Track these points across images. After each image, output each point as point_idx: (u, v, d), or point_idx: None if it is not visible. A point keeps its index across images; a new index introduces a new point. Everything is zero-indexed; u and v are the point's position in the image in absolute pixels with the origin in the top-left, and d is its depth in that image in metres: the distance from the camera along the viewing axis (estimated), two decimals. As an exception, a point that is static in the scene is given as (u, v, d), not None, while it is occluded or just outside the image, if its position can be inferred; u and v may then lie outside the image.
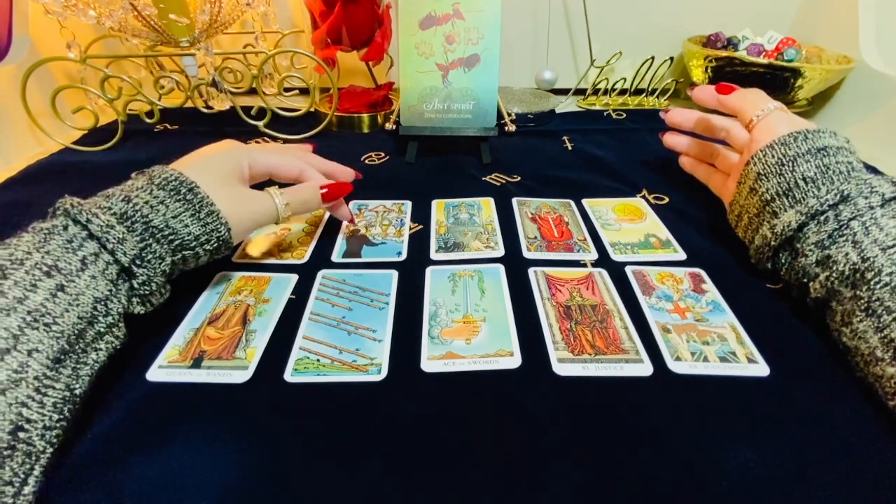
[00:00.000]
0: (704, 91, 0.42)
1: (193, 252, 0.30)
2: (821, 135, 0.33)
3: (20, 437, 0.20)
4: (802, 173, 0.32)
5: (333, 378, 0.28)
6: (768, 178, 0.33)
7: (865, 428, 0.25)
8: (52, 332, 0.22)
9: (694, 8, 0.71)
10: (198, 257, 0.31)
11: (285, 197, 0.34)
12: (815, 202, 0.31)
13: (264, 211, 0.34)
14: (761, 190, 0.34)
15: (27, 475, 0.20)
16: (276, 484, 0.22)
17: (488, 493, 0.22)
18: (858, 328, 0.27)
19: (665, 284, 0.35)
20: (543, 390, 0.27)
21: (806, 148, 0.32)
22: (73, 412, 0.23)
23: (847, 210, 0.30)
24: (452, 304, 0.33)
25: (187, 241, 0.29)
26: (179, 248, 0.29)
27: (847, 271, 0.28)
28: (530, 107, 0.66)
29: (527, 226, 0.42)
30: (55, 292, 0.23)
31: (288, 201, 0.34)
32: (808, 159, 0.32)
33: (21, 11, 0.54)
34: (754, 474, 0.23)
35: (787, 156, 0.33)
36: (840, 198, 0.30)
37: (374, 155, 0.56)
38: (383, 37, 0.59)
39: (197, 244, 0.30)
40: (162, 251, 0.28)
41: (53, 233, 0.25)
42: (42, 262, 0.23)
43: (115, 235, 0.26)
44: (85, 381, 0.24)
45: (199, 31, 0.53)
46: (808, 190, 0.32)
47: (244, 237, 0.35)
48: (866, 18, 0.62)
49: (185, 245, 0.29)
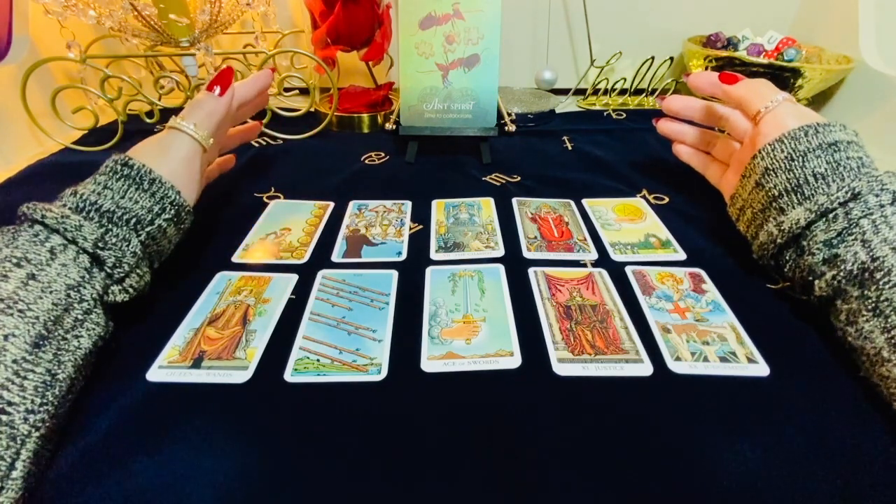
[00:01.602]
0: (701, 77, 0.40)
1: (157, 227, 0.30)
2: (831, 129, 0.32)
3: (2, 420, 0.20)
4: (813, 169, 0.31)
5: (333, 378, 0.28)
6: (776, 174, 0.33)
7: (865, 428, 0.25)
8: (26, 317, 0.23)
9: (694, 8, 0.71)
10: (164, 232, 0.31)
11: (188, 120, 0.34)
12: (826, 200, 0.30)
13: (186, 147, 0.33)
14: (768, 185, 0.33)
15: (14, 459, 0.20)
16: (276, 484, 0.22)
17: (488, 493, 0.22)
18: (864, 328, 0.26)
19: (665, 284, 0.35)
20: (543, 390, 0.27)
21: (817, 143, 0.32)
22: (60, 398, 0.23)
23: (857, 208, 0.29)
24: (452, 304, 0.33)
25: (143, 217, 0.30)
26: (138, 225, 0.30)
27: (856, 270, 0.27)
28: (530, 107, 0.67)
29: (527, 226, 0.42)
30: (26, 281, 0.24)
31: (194, 122, 0.34)
32: (819, 155, 0.31)
33: (21, 11, 0.54)
34: (754, 474, 0.23)
35: (798, 151, 0.32)
36: (851, 195, 0.29)
37: (374, 155, 0.56)
38: (383, 37, 0.59)
39: (154, 216, 0.30)
40: (123, 233, 0.29)
41: (20, 231, 0.26)
42: (12, 255, 0.25)
43: (71, 224, 0.27)
44: (68, 367, 0.24)
45: (199, 31, 0.53)
46: (819, 187, 0.31)
47: (197, 191, 0.35)
48: (866, 18, 0.62)
49: (142, 221, 0.30)
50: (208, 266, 0.36)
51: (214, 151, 0.40)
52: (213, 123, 0.35)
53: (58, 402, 0.23)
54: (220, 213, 0.43)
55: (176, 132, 0.33)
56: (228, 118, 0.38)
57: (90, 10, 0.49)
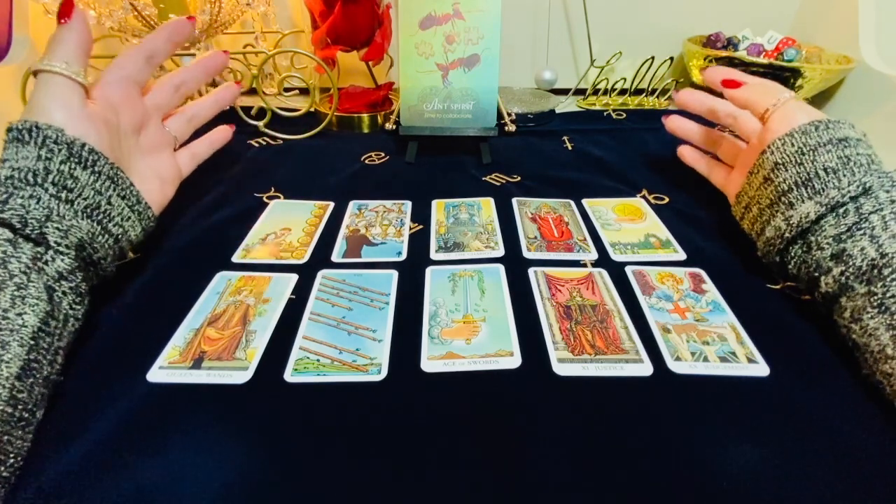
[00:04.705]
0: (717, 72, 0.40)
1: (57, 173, 0.28)
2: (841, 125, 0.32)
3: None
4: (824, 163, 0.31)
5: (333, 378, 0.28)
6: (786, 168, 0.32)
7: (866, 428, 0.25)
8: None
9: (694, 8, 0.71)
10: (73, 178, 0.29)
11: (47, 59, 0.30)
12: (837, 193, 0.30)
13: (55, 86, 0.30)
14: (778, 180, 0.33)
15: None
16: (277, 484, 0.22)
17: (488, 493, 0.22)
18: (869, 325, 0.26)
19: (665, 284, 0.35)
20: (543, 390, 0.27)
21: (827, 137, 0.32)
22: (13, 380, 0.22)
23: (868, 203, 0.29)
24: (452, 304, 0.33)
25: (36, 168, 0.28)
26: (36, 177, 0.28)
27: (864, 266, 0.27)
28: (530, 107, 0.66)
29: (527, 226, 0.42)
30: None
31: (48, 58, 0.30)
32: (830, 149, 0.31)
33: (21, 11, 0.55)
34: (754, 474, 0.23)
35: (808, 145, 0.32)
36: (862, 190, 0.29)
37: (374, 155, 0.56)
38: (383, 37, 0.59)
39: (46, 162, 0.28)
40: (28, 192, 0.27)
41: None
42: None
43: None
44: (14, 346, 0.22)
45: (199, 31, 0.53)
46: (829, 181, 0.31)
47: (96, 130, 0.31)
48: (866, 18, 0.62)
49: (37, 172, 0.28)
50: (208, 266, 0.36)
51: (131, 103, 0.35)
52: (72, 51, 0.31)
53: (11, 384, 0.22)
54: (220, 213, 0.43)
55: (42, 75, 0.30)
56: (130, 66, 0.35)
57: (90, 10, 0.49)
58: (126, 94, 0.34)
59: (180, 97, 0.40)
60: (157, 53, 0.36)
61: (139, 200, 0.33)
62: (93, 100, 0.32)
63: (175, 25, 0.37)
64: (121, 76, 0.34)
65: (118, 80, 0.34)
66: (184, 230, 0.40)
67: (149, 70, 0.36)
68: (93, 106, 0.32)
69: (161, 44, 0.36)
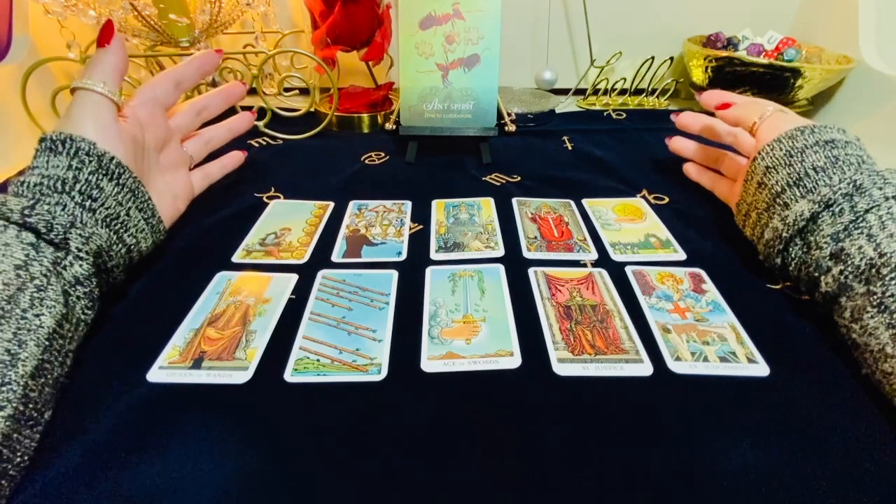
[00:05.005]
0: (712, 95, 0.42)
1: (84, 182, 0.30)
2: (827, 129, 0.33)
3: None
4: (812, 163, 0.32)
5: (333, 378, 0.28)
6: (777, 171, 0.33)
7: (866, 428, 0.25)
8: None
9: (694, 8, 0.71)
10: (99, 188, 0.30)
11: (88, 78, 0.32)
12: (828, 190, 0.30)
13: (92, 102, 0.32)
14: (770, 182, 0.34)
15: None
16: (277, 484, 0.22)
17: (488, 493, 0.22)
18: (869, 324, 0.26)
19: (665, 284, 0.35)
20: (543, 390, 0.27)
21: (813, 140, 0.33)
22: (27, 379, 0.22)
23: (863, 201, 0.29)
24: (452, 304, 0.33)
25: (66, 177, 0.29)
26: (65, 186, 0.29)
27: (863, 266, 0.27)
28: (530, 107, 0.67)
29: (527, 226, 0.42)
30: None
31: (88, 77, 0.32)
32: (817, 150, 0.32)
33: (21, 11, 0.54)
34: (754, 474, 0.23)
35: (795, 147, 0.33)
36: (853, 187, 0.30)
37: (374, 155, 0.56)
38: (383, 37, 0.59)
39: (76, 172, 0.30)
40: (55, 199, 0.28)
41: None
42: None
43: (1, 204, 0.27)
44: (30, 346, 0.23)
45: (199, 31, 0.53)
46: (819, 179, 0.31)
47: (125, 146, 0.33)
48: (866, 18, 0.62)
49: (66, 181, 0.29)
50: (208, 266, 0.36)
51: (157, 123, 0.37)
52: (110, 73, 0.33)
53: (25, 383, 0.22)
54: (220, 213, 0.43)
55: (80, 92, 0.32)
56: (160, 90, 0.37)
57: (90, 10, 0.49)
58: (153, 114, 0.37)
59: (200, 121, 0.43)
60: (185, 80, 0.39)
61: (154, 214, 0.35)
62: (123, 117, 0.34)
63: (205, 57, 0.40)
64: (150, 98, 0.37)
65: (147, 101, 0.37)
66: (184, 230, 0.40)
67: (176, 95, 0.39)
68: (123, 123, 0.34)
69: (190, 73, 0.40)
